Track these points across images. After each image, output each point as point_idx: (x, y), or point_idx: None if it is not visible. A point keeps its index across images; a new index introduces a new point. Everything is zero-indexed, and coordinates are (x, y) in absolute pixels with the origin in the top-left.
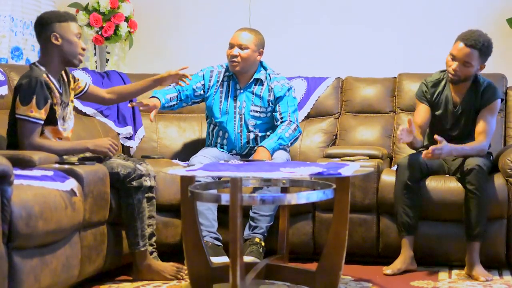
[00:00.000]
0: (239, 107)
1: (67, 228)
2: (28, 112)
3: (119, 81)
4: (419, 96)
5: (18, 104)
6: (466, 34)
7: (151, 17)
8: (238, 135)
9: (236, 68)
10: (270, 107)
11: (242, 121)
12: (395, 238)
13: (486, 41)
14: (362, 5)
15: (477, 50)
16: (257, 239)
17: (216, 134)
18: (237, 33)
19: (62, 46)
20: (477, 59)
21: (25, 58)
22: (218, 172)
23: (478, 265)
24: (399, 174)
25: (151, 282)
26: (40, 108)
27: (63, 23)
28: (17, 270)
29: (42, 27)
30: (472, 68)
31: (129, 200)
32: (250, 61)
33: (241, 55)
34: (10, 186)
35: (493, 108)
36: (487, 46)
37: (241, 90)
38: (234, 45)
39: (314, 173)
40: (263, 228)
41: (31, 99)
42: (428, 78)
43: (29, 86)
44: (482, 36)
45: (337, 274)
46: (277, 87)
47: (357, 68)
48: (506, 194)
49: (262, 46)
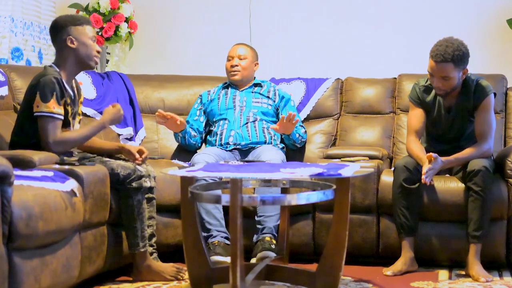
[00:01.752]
0: (239, 101)
1: (67, 229)
2: (51, 108)
3: (119, 81)
4: (414, 99)
5: (39, 102)
6: (434, 50)
7: (151, 17)
8: (241, 127)
9: (236, 77)
10: (271, 99)
11: (243, 112)
12: (395, 239)
13: (456, 50)
14: (362, 6)
15: (450, 62)
16: (267, 238)
17: (220, 131)
18: (235, 47)
19: (78, 49)
20: (453, 70)
21: (25, 58)
22: (218, 173)
23: (478, 265)
24: (396, 176)
25: (151, 283)
26: (60, 104)
27: (78, 27)
28: (17, 270)
29: (57, 30)
30: (454, 79)
31: (129, 201)
32: (249, 71)
33: (241, 65)
34: (10, 187)
35: (486, 105)
36: (459, 54)
37: (241, 91)
38: (233, 57)
39: (314, 174)
40: (271, 228)
41: (52, 95)
42: (420, 81)
43: (49, 83)
44: (450, 45)
45: (337, 275)
46: (280, 90)
47: (357, 69)
48: (506, 195)
49: (257, 59)
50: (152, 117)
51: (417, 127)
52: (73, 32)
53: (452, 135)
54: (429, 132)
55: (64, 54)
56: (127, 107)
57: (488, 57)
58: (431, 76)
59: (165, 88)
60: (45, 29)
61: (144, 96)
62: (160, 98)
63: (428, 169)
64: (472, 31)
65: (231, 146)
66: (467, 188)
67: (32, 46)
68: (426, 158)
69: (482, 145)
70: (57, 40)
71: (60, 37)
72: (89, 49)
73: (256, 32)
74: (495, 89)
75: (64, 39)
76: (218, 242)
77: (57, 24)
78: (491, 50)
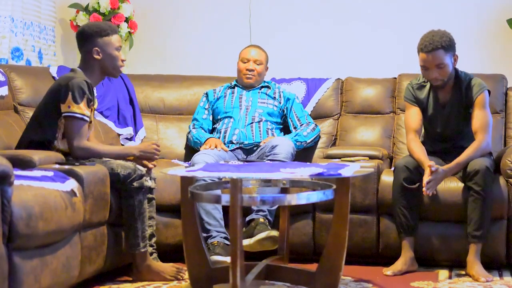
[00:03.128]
0: (245, 101)
1: (67, 229)
2: (83, 110)
3: (119, 81)
4: (409, 98)
5: (71, 102)
6: (422, 43)
7: (151, 17)
8: (246, 127)
9: (251, 80)
10: (277, 100)
11: (249, 111)
12: (395, 239)
13: (443, 36)
14: (362, 6)
15: (440, 49)
16: (261, 219)
17: (224, 129)
18: (251, 49)
19: (103, 60)
20: (445, 56)
21: (25, 58)
22: (218, 173)
23: (478, 265)
24: (396, 176)
25: (151, 283)
26: (89, 108)
27: (105, 38)
28: (17, 270)
29: (84, 40)
30: (448, 66)
31: (129, 201)
32: (262, 76)
33: (257, 69)
34: (10, 187)
35: (481, 101)
36: (446, 40)
37: (248, 91)
38: (249, 60)
39: (314, 174)
40: (266, 212)
41: (83, 98)
42: (413, 81)
43: (82, 86)
44: (435, 34)
45: (337, 274)
46: (285, 91)
47: (357, 69)
48: (506, 195)
49: (268, 63)
50: (152, 116)
51: (415, 125)
52: (99, 43)
53: (449, 132)
54: (427, 131)
55: (89, 62)
56: (127, 107)
57: (488, 57)
58: (425, 69)
59: (165, 88)
60: (45, 29)
61: (144, 96)
62: (160, 98)
63: (428, 180)
64: (472, 31)
65: (234, 145)
66: (467, 187)
67: (32, 46)
68: (427, 167)
69: (480, 142)
70: (83, 49)
71: (87, 46)
72: (114, 60)
73: (256, 32)
74: (495, 89)
75: (90, 50)
76: (217, 243)
77: (84, 34)
78: (491, 50)
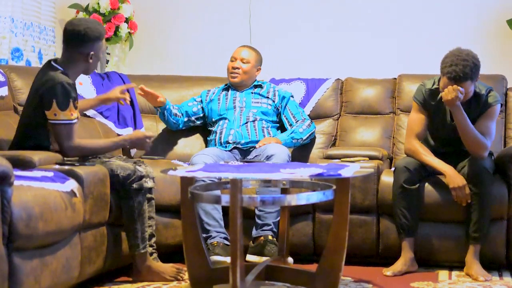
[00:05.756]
0: (239, 102)
1: (67, 229)
2: (69, 115)
3: (119, 82)
4: (419, 100)
5: (57, 110)
6: (450, 71)
7: (151, 18)
8: (241, 127)
9: (235, 79)
10: (271, 99)
11: (243, 112)
12: (395, 239)
13: (473, 67)
14: (362, 6)
15: (469, 79)
16: (270, 237)
17: (220, 130)
18: (240, 48)
19: (92, 63)
20: (471, 85)
21: (25, 59)
22: (218, 173)
23: (477, 265)
24: (396, 176)
25: (151, 283)
26: (76, 108)
27: (100, 42)
28: (17, 271)
29: (83, 42)
30: (471, 92)
31: (129, 202)
32: (249, 75)
33: (243, 68)
34: (10, 187)
35: (491, 113)
36: (474, 69)
37: (241, 92)
38: (236, 58)
39: (314, 174)
40: (271, 225)
41: (69, 102)
42: (426, 84)
43: (66, 90)
44: (466, 64)
45: (337, 275)
46: (280, 90)
47: (357, 69)
48: (506, 195)
49: (260, 64)
50: (152, 117)
51: (418, 131)
52: (95, 48)
53: (453, 138)
54: (431, 134)
55: (77, 63)
56: (127, 108)
57: (488, 57)
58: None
59: (165, 88)
60: (45, 29)
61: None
62: None
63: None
64: (472, 31)
65: (231, 145)
66: None
67: (32, 46)
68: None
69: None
70: (77, 50)
71: (83, 50)
72: (97, 63)
73: (256, 33)
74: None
75: (86, 53)
76: (217, 243)
77: (85, 37)
78: (491, 50)
